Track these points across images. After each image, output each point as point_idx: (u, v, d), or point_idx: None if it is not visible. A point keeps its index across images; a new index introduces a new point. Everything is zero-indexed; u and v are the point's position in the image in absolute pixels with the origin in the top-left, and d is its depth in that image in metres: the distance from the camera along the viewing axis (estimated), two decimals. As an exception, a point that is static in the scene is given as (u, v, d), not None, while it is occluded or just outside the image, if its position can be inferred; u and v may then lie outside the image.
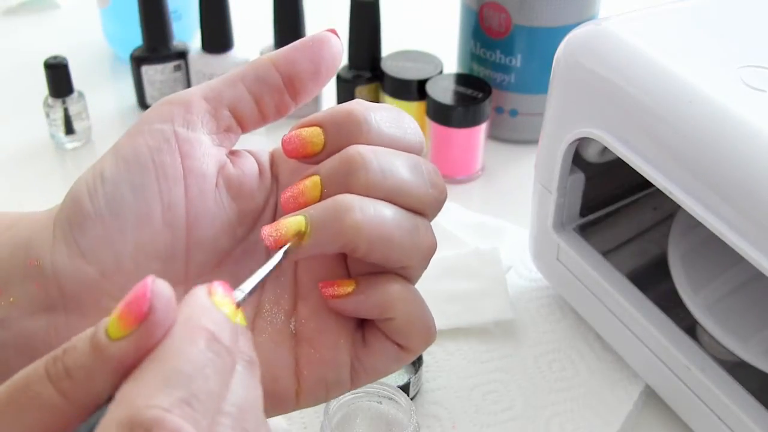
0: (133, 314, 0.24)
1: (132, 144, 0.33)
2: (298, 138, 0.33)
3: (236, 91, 0.34)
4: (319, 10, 0.92)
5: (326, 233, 0.31)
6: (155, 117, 0.33)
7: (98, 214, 0.32)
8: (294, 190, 0.33)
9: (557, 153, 0.53)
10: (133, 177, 0.32)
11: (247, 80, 0.34)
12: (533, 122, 0.77)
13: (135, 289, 0.24)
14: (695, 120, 0.45)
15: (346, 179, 0.32)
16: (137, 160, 0.32)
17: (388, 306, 0.33)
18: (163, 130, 0.33)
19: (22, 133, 0.80)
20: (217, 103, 0.34)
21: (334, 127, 0.33)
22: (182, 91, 0.34)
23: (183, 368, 0.24)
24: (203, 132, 0.33)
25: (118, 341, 0.24)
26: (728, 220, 0.43)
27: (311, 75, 0.35)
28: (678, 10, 0.52)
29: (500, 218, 0.70)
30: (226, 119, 0.34)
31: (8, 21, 1.00)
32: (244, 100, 0.34)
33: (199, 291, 0.26)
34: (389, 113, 0.35)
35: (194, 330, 0.24)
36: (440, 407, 0.55)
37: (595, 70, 0.50)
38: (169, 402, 0.23)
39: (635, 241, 0.61)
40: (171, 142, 0.33)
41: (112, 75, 0.90)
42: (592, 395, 0.56)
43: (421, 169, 0.34)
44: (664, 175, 0.46)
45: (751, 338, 0.51)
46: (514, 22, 0.73)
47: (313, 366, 0.33)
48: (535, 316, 0.61)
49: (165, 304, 0.24)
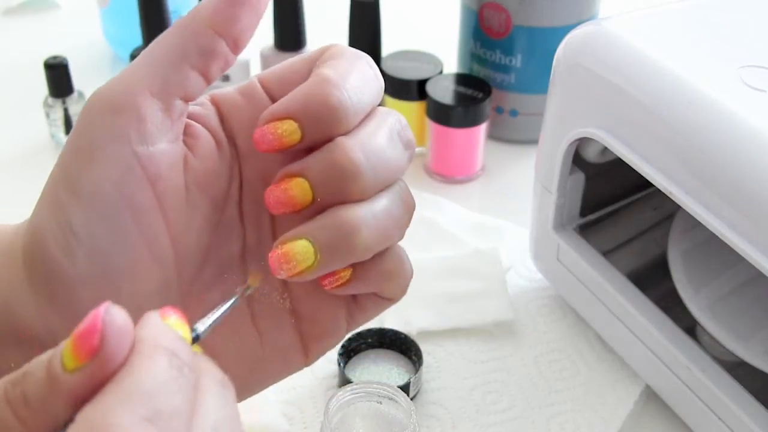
0: (84, 347, 0.23)
1: (92, 181, 0.29)
2: (272, 134, 0.30)
3: (183, 75, 0.31)
4: (319, 10, 0.92)
5: (336, 258, 0.31)
6: (104, 134, 0.30)
7: (83, 276, 0.30)
8: (280, 192, 0.31)
9: (557, 153, 0.53)
10: (107, 225, 0.29)
11: (191, 58, 0.31)
12: (533, 122, 0.77)
13: (87, 319, 0.23)
14: (695, 120, 0.45)
15: (341, 187, 0.31)
16: (106, 205, 0.29)
17: (385, 282, 0.34)
18: (122, 156, 0.29)
19: (22, 133, 0.80)
20: (167, 96, 0.31)
21: (311, 119, 0.30)
22: (121, 84, 0.30)
23: (144, 385, 0.22)
24: (162, 139, 0.30)
25: (72, 373, 0.23)
26: (728, 220, 0.43)
27: (252, 25, 0.32)
28: (678, 10, 0.52)
29: (500, 218, 0.70)
30: (178, 108, 0.31)
31: (8, 21, 1.00)
32: (192, 79, 0.31)
33: (151, 315, 0.25)
34: (356, 75, 0.32)
35: (153, 348, 0.23)
36: (440, 407, 0.55)
37: (595, 70, 0.50)
38: (130, 420, 0.22)
39: (635, 241, 0.61)
40: (135, 170, 0.30)
41: (112, 75, 0.90)
42: (592, 395, 0.56)
43: (395, 134, 0.33)
44: (664, 175, 0.46)
45: (751, 338, 0.51)
46: (514, 22, 0.73)
47: (318, 338, 0.35)
48: (535, 316, 0.61)
49: (118, 335, 0.23)
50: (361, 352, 0.57)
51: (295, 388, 0.56)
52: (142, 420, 0.22)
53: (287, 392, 0.55)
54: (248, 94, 0.34)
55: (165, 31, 0.32)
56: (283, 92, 0.32)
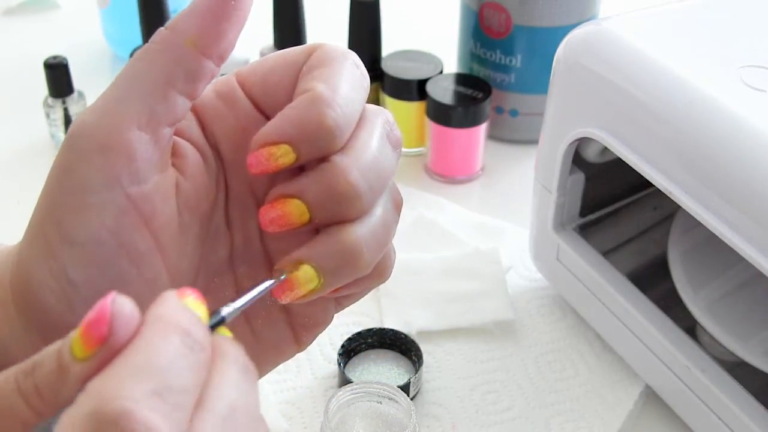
0: (93, 336, 0.23)
1: (86, 229, 0.29)
2: (267, 160, 0.30)
3: (170, 104, 0.29)
4: (319, 10, 0.92)
5: (339, 280, 0.31)
6: (94, 179, 0.28)
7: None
8: (277, 214, 0.30)
9: (557, 153, 0.53)
10: (106, 273, 0.29)
11: (177, 85, 0.29)
12: (533, 122, 0.77)
13: (95, 308, 0.23)
14: (695, 120, 0.45)
15: (339, 211, 0.30)
16: (103, 252, 0.29)
17: (376, 279, 0.34)
18: (115, 201, 0.29)
19: (22, 133, 0.80)
20: (155, 127, 0.29)
21: (306, 143, 0.30)
22: (107, 121, 0.29)
23: (154, 360, 0.23)
24: (154, 173, 0.29)
25: (81, 362, 0.23)
26: (728, 220, 0.43)
27: (236, 36, 0.31)
28: (678, 10, 0.52)
29: (500, 218, 0.70)
30: (166, 136, 0.30)
31: (8, 21, 1.00)
32: (179, 105, 0.30)
33: (169, 294, 0.25)
34: (345, 83, 0.31)
35: (166, 326, 0.24)
36: (440, 407, 0.55)
37: (595, 70, 0.50)
38: (139, 393, 0.22)
39: (635, 241, 0.62)
40: (129, 213, 0.29)
41: (112, 75, 0.90)
42: (592, 395, 0.56)
43: (386, 140, 0.32)
44: (664, 175, 0.46)
45: (751, 338, 0.51)
46: (514, 22, 0.73)
47: (309, 328, 0.35)
48: (535, 316, 0.61)
49: (125, 324, 0.23)
50: (361, 352, 0.57)
51: (295, 388, 0.56)
52: (150, 393, 0.22)
53: (287, 392, 0.55)
54: (229, 99, 0.33)
55: (143, 53, 0.30)
56: (267, 100, 0.32)
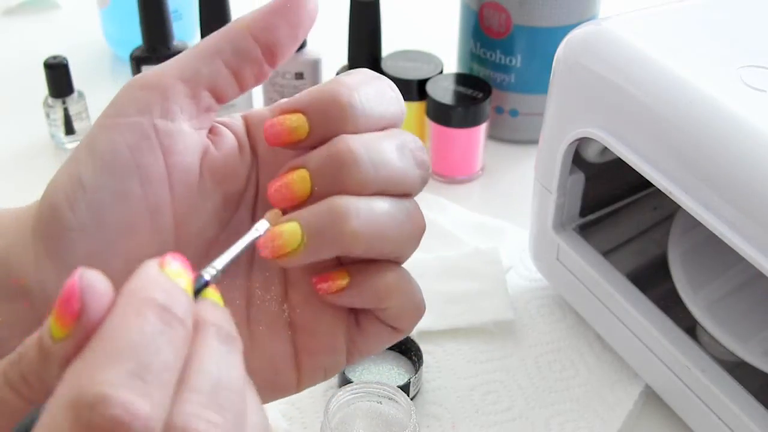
0: (67, 314, 0.23)
1: (109, 141, 0.31)
2: (281, 126, 0.31)
3: (214, 68, 0.32)
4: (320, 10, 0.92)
5: (323, 242, 0.30)
6: (130, 106, 0.31)
7: (82, 226, 0.30)
8: (281, 183, 0.31)
9: (557, 153, 0.53)
10: (114, 183, 0.30)
11: (224, 54, 0.32)
12: (533, 122, 0.77)
13: (64, 287, 0.23)
14: (695, 120, 0.45)
15: (338, 177, 0.31)
16: (117, 163, 0.30)
17: (383, 297, 0.32)
18: (141, 123, 0.31)
19: (22, 133, 0.80)
20: (196, 84, 0.32)
21: (319, 114, 0.31)
22: (156, 70, 0.32)
23: (129, 340, 0.22)
24: (183, 120, 0.32)
25: (60, 342, 0.23)
26: (728, 220, 0.43)
27: (290, 40, 0.33)
28: (678, 10, 0.52)
29: (500, 218, 0.70)
30: (205, 99, 0.32)
31: (8, 21, 1.00)
32: (223, 76, 0.32)
33: (149, 263, 0.25)
34: (372, 87, 0.32)
35: (141, 301, 0.23)
36: (440, 407, 0.55)
37: (595, 70, 0.50)
38: (116, 376, 0.21)
39: (635, 241, 0.62)
40: (151, 139, 0.31)
41: (112, 75, 0.90)
42: (592, 395, 0.56)
43: (407, 149, 0.33)
44: (664, 175, 0.46)
45: (751, 338, 0.51)
46: (514, 22, 0.73)
47: (313, 354, 0.33)
48: (535, 316, 0.61)
49: (97, 297, 0.23)
50: (361, 352, 0.57)
51: (295, 388, 0.56)
52: (129, 375, 0.22)
53: (287, 392, 0.55)
54: (276, 112, 0.34)
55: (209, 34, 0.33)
56: None
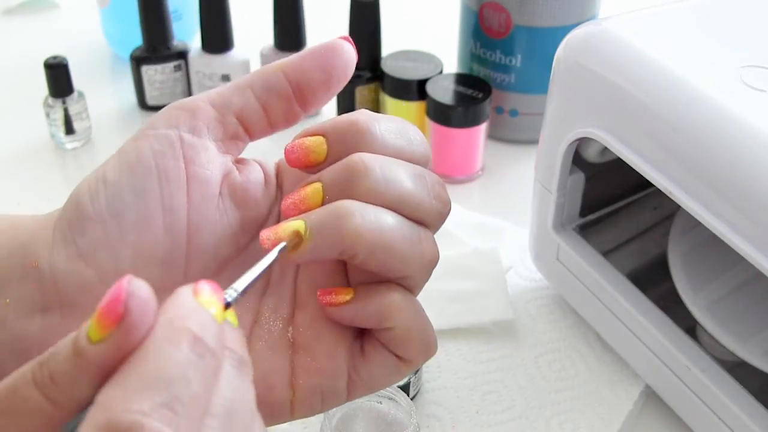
0: (109, 316, 0.24)
1: (136, 148, 0.33)
2: (300, 147, 0.33)
3: (244, 98, 0.34)
4: (319, 10, 0.92)
5: (325, 237, 0.31)
6: (161, 122, 0.33)
7: (98, 216, 0.32)
8: (295, 196, 0.32)
9: (557, 153, 0.53)
10: (135, 180, 0.32)
11: (255, 87, 0.34)
12: (533, 122, 0.77)
13: (111, 290, 0.24)
14: (695, 120, 0.45)
15: (348, 185, 0.31)
16: (140, 163, 0.32)
17: (386, 315, 0.32)
18: (168, 134, 0.33)
19: (22, 133, 0.80)
20: (225, 110, 0.34)
21: (338, 137, 0.33)
22: (191, 97, 0.34)
23: (164, 371, 0.23)
24: (209, 138, 0.34)
25: (97, 345, 0.24)
26: (728, 220, 0.43)
27: (322, 84, 0.34)
28: (678, 10, 0.52)
29: (500, 218, 0.70)
30: (233, 126, 0.34)
31: (8, 21, 1.00)
32: (252, 108, 0.34)
33: (183, 291, 0.25)
34: (394, 124, 0.34)
35: (177, 331, 0.24)
36: (440, 407, 0.55)
37: (595, 70, 0.50)
38: (149, 406, 0.22)
39: (635, 241, 0.62)
40: (175, 147, 0.33)
41: (112, 75, 0.90)
42: (592, 395, 0.56)
43: (424, 179, 0.33)
44: (664, 175, 0.46)
45: (751, 338, 0.51)
46: (514, 22, 0.73)
47: (309, 374, 0.33)
48: (535, 316, 0.61)
49: (141, 305, 0.24)
50: (361, 352, 0.57)
51: (295, 388, 0.56)
52: (160, 406, 0.22)
53: (287, 392, 0.55)
54: None
55: None
56: None
